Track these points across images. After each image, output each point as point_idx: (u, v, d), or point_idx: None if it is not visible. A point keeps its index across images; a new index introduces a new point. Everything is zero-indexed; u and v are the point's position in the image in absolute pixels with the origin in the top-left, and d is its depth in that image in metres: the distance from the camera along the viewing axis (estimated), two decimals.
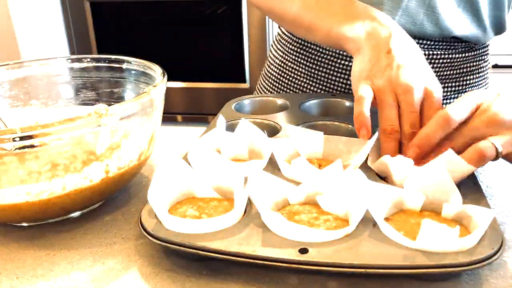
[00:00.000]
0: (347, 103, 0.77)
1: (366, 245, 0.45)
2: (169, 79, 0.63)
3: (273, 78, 0.95)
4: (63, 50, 2.05)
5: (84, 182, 0.54)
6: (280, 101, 0.80)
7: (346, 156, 0.61)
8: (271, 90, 0.96)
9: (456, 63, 0.83)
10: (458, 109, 0.53)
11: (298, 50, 0.90)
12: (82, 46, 2.05)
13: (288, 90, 0.93)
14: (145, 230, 0.48)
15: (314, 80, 0.89)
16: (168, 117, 2.07)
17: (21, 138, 0.48)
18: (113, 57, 0.72)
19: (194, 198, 0.54)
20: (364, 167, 0.57)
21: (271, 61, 0.97)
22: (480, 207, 0.47)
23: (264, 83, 0.98)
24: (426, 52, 0.81)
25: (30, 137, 0.48)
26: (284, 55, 0.93)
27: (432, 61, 0.82)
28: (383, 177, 0.57)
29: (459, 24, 0.79)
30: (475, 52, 0.85)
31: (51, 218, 0.57)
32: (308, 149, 0.62)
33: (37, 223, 0.57)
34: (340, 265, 0.43)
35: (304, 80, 0.90)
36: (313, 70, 0.88)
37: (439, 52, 0.82)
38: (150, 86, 0.59)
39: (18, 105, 0.72)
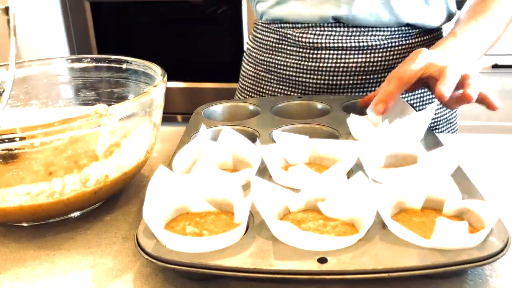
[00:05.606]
0: (319, 106, 0.78)
1: (382, 248, 0.44)
2: (169, 79, 0.63)
3: (248, 89, 0.99)
4: (63, 50, 2.04)
5: (84, 183, 0.54)
6: (251, 107, 0.79)
7: (333, 160, 0.60)
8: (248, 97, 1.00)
9: (413, 48, 0.87)
10: (410, 70, 0.67)
11: (268, 59, 0.94)
12: (82, 46, 2.05)
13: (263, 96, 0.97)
14: (145, 252, 0.45)
15: (286, 83, 0.93)
16: (168, 117, 2.07)
17: (21, 138, 0.48)
18: (113, 57, 0.72)
19: (189, 214, 0.51)
20: (354, 170, 0.57)
21: (245, 74, 1.01)
22: (482, 201, 0.47)
23: (240, 96, 1.03)
24: (384, 42, 0.86)
25: (30, 137, 0.48)
26: (256, 67, 0.97)
27: (390, 49, 0.87)
28: None
29: (410, 10, 0.84)
30: (429, 36, 0.90)
31: (51, 218, 0.57)
32: (294, 154, 0.61)
33: (37, 223, 0.57)
34: (363, 271, 0.42)
35: (276, 85, 0.94)
36: (283, 75, 0.92)
37: (396, 40, 0.87)
38: (150, 86, 0.59)
39: (18, 105, 0.72)
